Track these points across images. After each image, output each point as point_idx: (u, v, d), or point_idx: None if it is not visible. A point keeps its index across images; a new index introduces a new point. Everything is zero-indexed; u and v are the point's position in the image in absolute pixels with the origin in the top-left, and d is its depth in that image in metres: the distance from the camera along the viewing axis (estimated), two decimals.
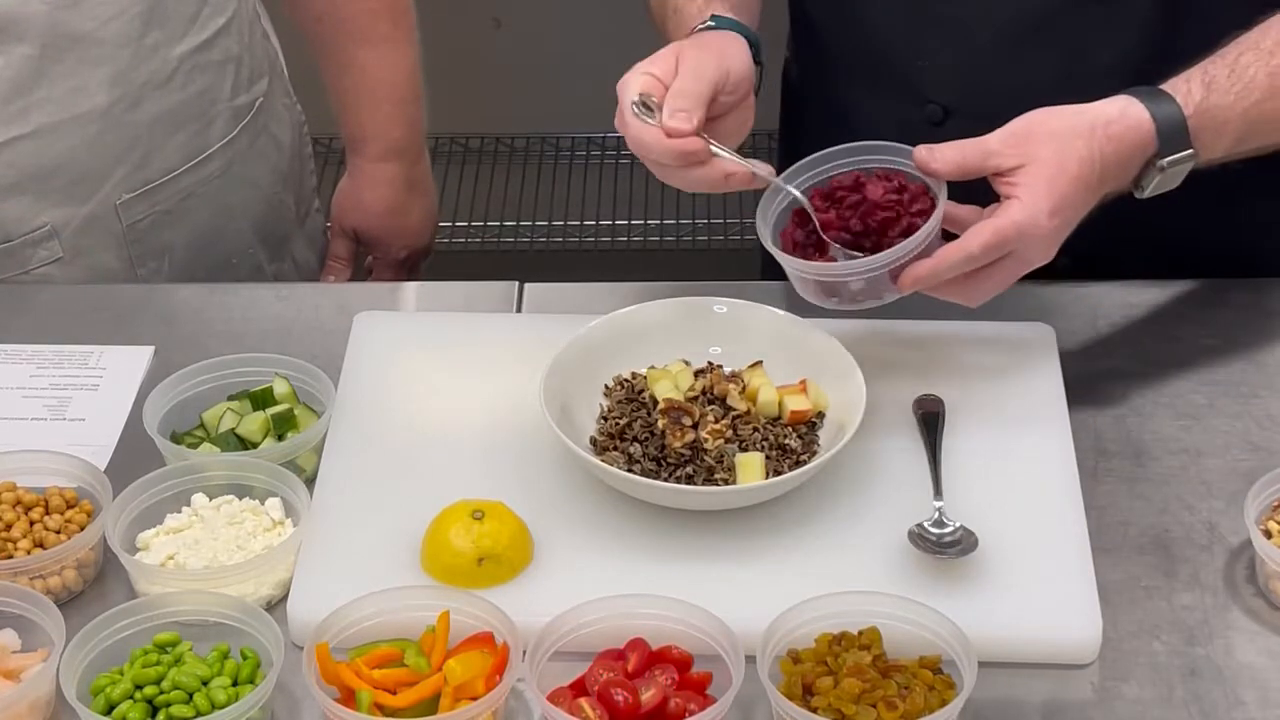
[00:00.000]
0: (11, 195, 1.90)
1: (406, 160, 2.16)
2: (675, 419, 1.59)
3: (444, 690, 1.41)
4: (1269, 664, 1.48)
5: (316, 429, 1.65)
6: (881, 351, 1.70)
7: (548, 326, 1.73)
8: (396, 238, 2.19)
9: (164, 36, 1.93)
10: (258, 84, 2.07)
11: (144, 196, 1.97)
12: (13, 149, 1.88)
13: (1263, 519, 1.54)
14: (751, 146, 3.50)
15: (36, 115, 1.88)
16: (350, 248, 2.20)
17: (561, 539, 1.56)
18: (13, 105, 1.87)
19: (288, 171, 2.15)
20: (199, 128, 2.00)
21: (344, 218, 2.19)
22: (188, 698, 1.42)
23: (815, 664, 1.42)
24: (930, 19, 1.83)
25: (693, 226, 3.48)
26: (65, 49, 1.86)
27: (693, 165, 1.59)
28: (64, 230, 1.94)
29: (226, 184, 2.04)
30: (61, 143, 1.90)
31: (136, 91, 1.92)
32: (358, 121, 2.15)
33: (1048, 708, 1.45)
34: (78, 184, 1.92)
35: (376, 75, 2.12)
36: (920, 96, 1.86)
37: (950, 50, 1.83)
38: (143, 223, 1.98)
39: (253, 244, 2.10)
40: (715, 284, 1.86)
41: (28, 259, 1.93)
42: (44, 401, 1.76)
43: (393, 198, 2.17)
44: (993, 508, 1.57)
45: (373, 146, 2.15)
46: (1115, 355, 1.77)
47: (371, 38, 2.10)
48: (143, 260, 1.99)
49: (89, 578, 1.57)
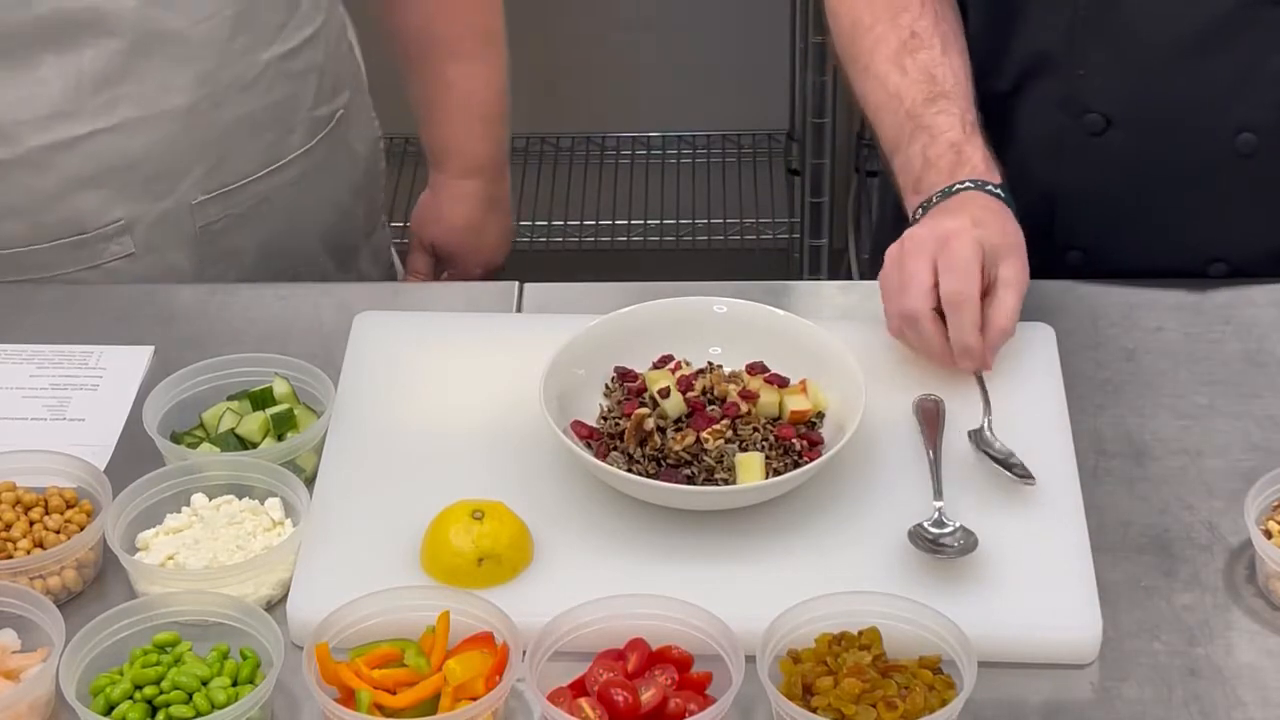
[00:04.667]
0: (89, 188, 1.91)
1: (488, 177, 2.16)
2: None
3: (444, 690, 1.41)
4: (1269, 664, 1.48)
5: (316, 429, 1.65)
6: (881, 351, 1.70)
7: (548, 326, 1.73)
8: (473, 254, 2.20)
9: (251, 41, 1.94)
10: (339, 96, 2.07)
11: (219, 199, 1.98)
12: (94, 141, 1.89)
13: (1263, 519, 1.54)
14: (767, 149, 3.51)
15: (121, 109, 1.89)
16: (429, 262, 2.20)
17: (561, 539, 1.56)
18: (99, 98, 1.88)
19: (361, 185, 2.15)
20: (278, 135, 2.00)
21: (423, 231, 2.20)
22: (187, 698, 1.42)
23: (815, 664, 1.42)
24: (1095, 27, 1.78)
25: (692, 226, 3.47)
26: (154, 46, 1.88)
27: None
28: (137, 226, 1.95)
29: (301, 193, 2.05)
30: (143, 139, 1.91)
31: (220, 93, 1.93)
32: (442, 136, 2.16)
33: (1048, 708, 1.45)
34: (155, 181, 1.94)
35: (465, 91, 2.12)
36: (1080, 106, 1.81)
37: (1115, 59, 1.78)
38: (216, 225, 1.99)
39: (321, 254, 2.11)
40: (715, 284, 1.86)
41: (99, 253, 1.94)
42: (44, 401, 1.76)
43: (472, 214, 2.17)
44: (993, 508, 1.57)
45: (456, 162, 2.16)
46: (1115, 355, 1.77)
47: (463, 54, 2.11)
48: (213, 262, 2.00)
49: (89, 578, 1.57)
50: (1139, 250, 1.85)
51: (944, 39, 1.79)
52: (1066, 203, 1.86)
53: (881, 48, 1.78)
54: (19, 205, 1.91)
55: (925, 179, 1.71)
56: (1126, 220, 1.84)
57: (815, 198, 3.36)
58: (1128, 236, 1.85)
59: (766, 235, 3.51)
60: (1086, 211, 1.86)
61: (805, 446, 1.60)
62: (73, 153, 1.89)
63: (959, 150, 1.71)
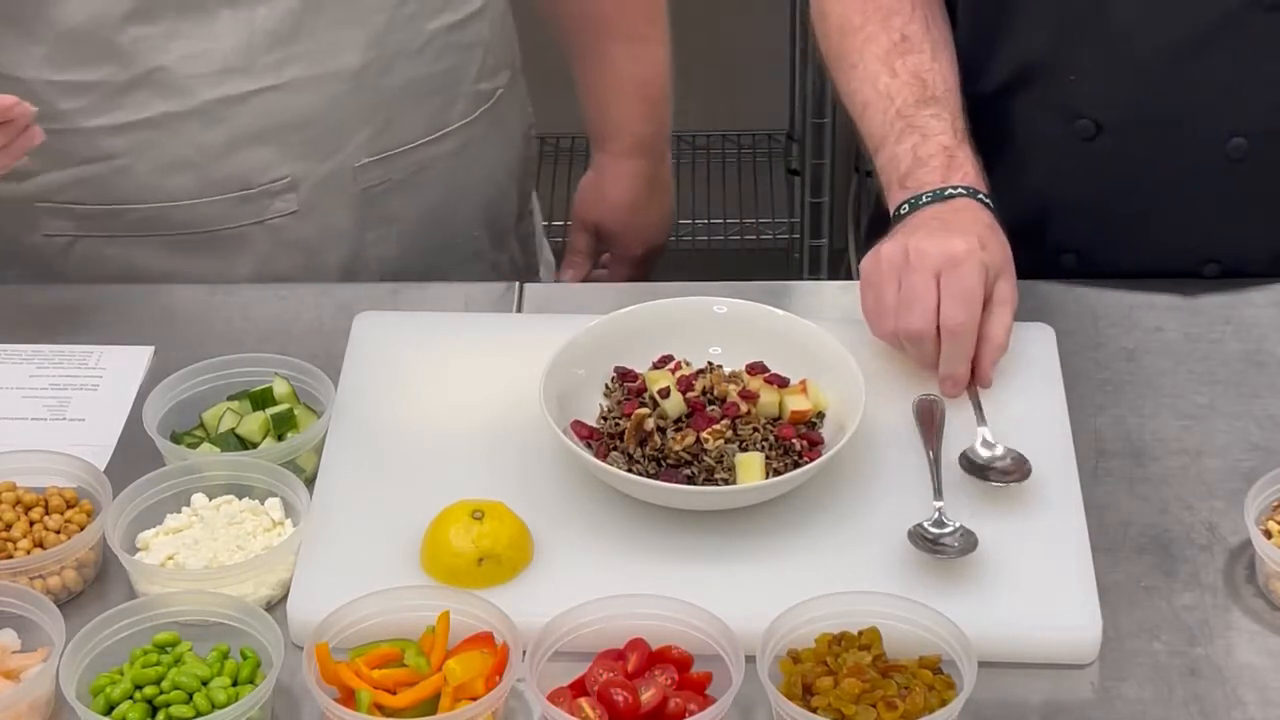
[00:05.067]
0: (257, 144, 1.93)
1: (651, 157, 2.17)
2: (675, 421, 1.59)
3: (444, 690, 1.41)
4: (1269, 664, 1.48)
5: (316, 429, 1.65)
6: (881, 351, 1.70)
7: (548, 326, 1.73)
8: (635, 233, 2.20)
9: (420, 9, 1.95)
10: (500, 74, 2.08)
11: (382, 162, 1.99)
12: (264, 99, 1.91)
13: (1263, 519, 1.54)
14: (767, 149, 3.50)
15: (292, 68, 1.91)
16: (590, 242, 2.21)
17: (561, 539, 1.56)
18: (271, 55, 1.89)
19: (514, 168, 2.16)
20: (442, 104, 2.02)
21: (586, 211, 2.20)
22: (188, 698, 1.42)
23: (815, 664, 1.42)
24: (1084, 33, 1.77)
25: (692, 227, 3.47)
26: (325, 6, 1.89)
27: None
28: (302, 184, 1.97)
29: (460, 164, 2.06)
30: (311, 98, 1.93)
31: (389, 58, 1.95)
32: (605, 117, 2.16)
33: (1048, 708, 1.45)
34: (321, 140, 1.95)
35: (628, 71, 2.13)
36: (1070, 111, 1.80)
37: (1105, 65, 1.78)
38: (377, 188, 2.00)
39: (478, 228, 2.12)
40: (715, 284, 1.86)
41: (264, 208, 1.96)
42: (44, 401, 1.76)
43: (635, 194, 2.18)
44: (993, 507, 1.57)
45: (618, 142, 2.16)
46: (1115, 355, 1.77)
47: (627, 34, 2.11)
48: (372, 225, 2.02)
49: (89, 578, 1.57)
50: (1132, 252, 1.84)
51: (934, 45, 1.79)
52: (1059, 206, 1.86)
53: (871, 47, 1.78)
54: (188, 158, 1.93)
55: (915, 175, 1.71)
56: (1120, 223, 1.84)
57: (815, 198, 3.37)
58: (1121, 239, 1.85)
59: (766, 235, 3.51)
60: (1079, 215, 1.85)
61: (805, 446, 1.60)
62: (243, 108, 1.91)
63: (952, 154, 1.71)
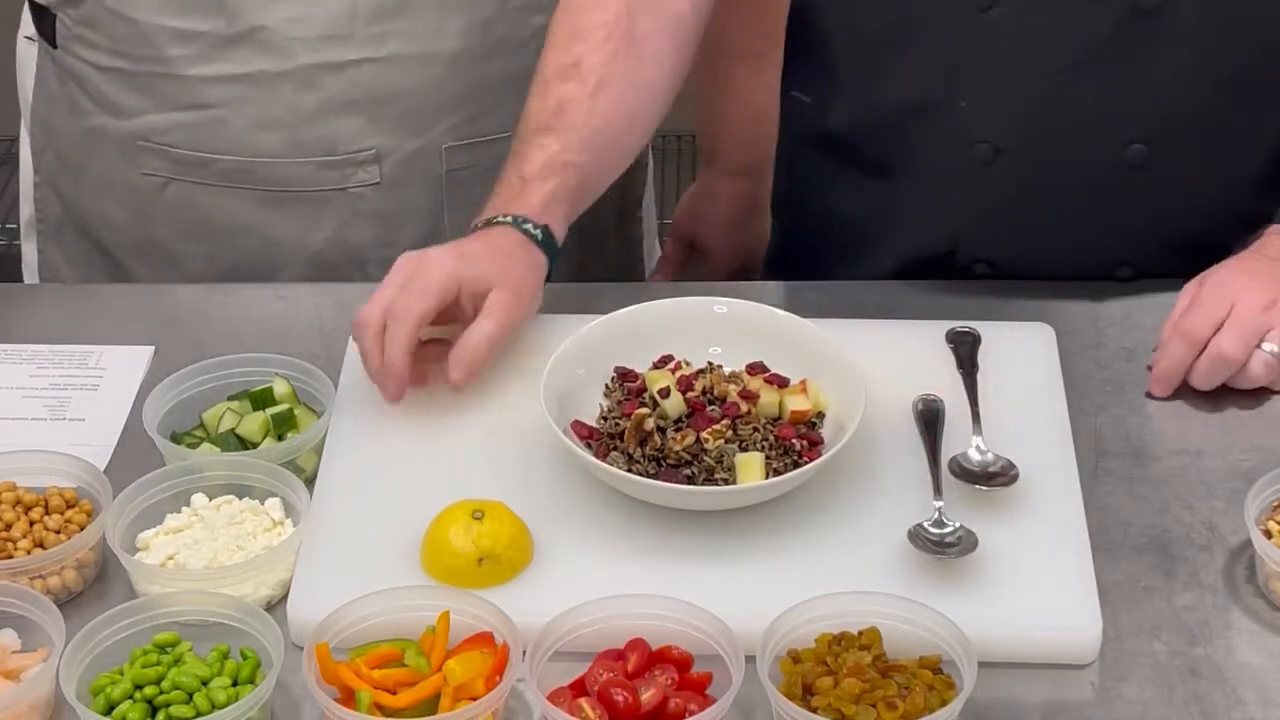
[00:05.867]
0: (348, 113, 1.95)
1: (756, 179, 2.16)
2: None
3: (444, 690, 1.41)
4: (1269, 664, 1.48)
5: (316, 429, 1.65)
6: (881, 351, 1.70)
7: (548, 326, 1.73)
8: (730, 253, 2.20)
9: (529, 2, 1.96)
10: None
11: (469, 148, 2.01)
12: (360, 69, 1.93)
13: (1263, 519, 1.54)
14: None
15: (391, 44, 1.93)
16: (683, 253, 2.21)
17: (561, 539, 1.56)
18: (372, 28, 1.91)
19: None
20: None
21: (685, 224, 2.21)
22: (188, 698, 1.42)
23: (815, 664, 1.42)
24: (973, 61, 1.77)
25: None
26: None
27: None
28: (387, 159, 1.98)
29: None
30: (407, 76, 1.94)
31: (490, 46, 1.96)
32: (717, 135, 2.18)
33: (1048, 708, 1.45)
34: (410, 118, 1.97)
35: (743, 92, 2.13)
36: (968, 137, 1.80)
37: (997, 91, 1.77)
38: (462, 173, 2.01)
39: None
40: (715, 284, 1.86)
41: (347, 176, 1.98)
42: (44, 401, 1.76)
43: (736, 213, 2.18)
44: (993, 508, 1.57)
45: (726, 161, 2.18)
46: (1115, 355, 1.77)
47: (744, 54, 2.12)
48: (453, 208, 2.02)
49: (89, 578, 1.57)
50: (1044, 260, 1.85)
51: (609, 78, 1.76)
52: (966, 223, 1.85)
53: (547, 64, 1.79)
54: (280, 118, 1.95)
55: (492, 202, 1.75)
56: (1028, 235, 1.84)
57: None
58: (1031, 250, 1.85)
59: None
60: (987, 230, 1.85)
61: (805, 446, 1.60)
62: (339, 76, 1.93)
63: (525, 184, 1.73)
